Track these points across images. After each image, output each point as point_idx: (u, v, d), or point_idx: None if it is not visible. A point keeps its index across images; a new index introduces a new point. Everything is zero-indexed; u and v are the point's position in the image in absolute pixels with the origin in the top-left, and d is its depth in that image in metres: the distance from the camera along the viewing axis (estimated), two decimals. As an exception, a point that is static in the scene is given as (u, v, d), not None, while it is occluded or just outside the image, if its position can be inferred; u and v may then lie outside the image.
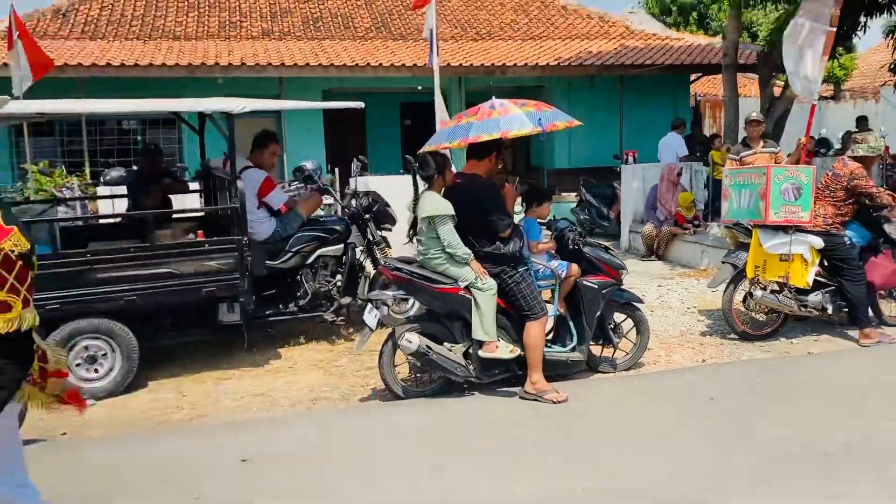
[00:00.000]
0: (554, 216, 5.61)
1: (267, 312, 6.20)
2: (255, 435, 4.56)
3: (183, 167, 11.88)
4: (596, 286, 5.26)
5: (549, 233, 5.50)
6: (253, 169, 6.21)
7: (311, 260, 6.38)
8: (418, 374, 5.18)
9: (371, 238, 6.83)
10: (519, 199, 5.48)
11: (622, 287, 5.51)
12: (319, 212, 7.53)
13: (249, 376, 5.75)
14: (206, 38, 14.81)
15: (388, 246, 6.97)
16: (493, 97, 5.06)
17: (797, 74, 6.99)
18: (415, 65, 13.48)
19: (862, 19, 11.32)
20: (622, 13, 24.48)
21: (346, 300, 6.50)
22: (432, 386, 5.14)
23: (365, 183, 8.14)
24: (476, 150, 4.98)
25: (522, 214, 5.39)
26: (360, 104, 6.38)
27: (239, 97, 6.43)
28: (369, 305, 5.17)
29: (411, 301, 6.32)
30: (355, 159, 7.41)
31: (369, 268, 6.88)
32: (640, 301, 5.69)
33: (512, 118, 4.78)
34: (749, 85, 18.95)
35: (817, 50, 7.07)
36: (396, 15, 17.10)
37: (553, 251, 5.36)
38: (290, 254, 6.26)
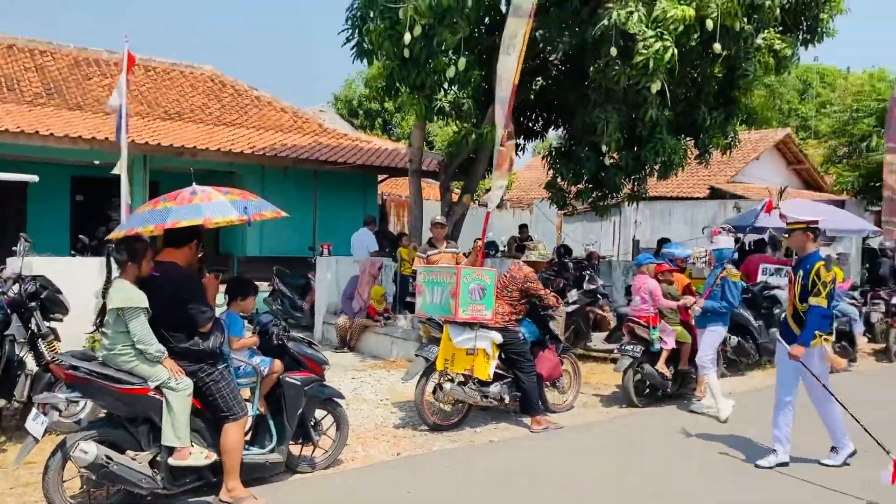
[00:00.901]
0: (257, 309, 5.41)
1: None
2: None
3: None
4: (299, 383, 5.13)
5: (252, 327, 5.28)
6: None
7: (-47, 356, 5.32)
8: (93, 489, 4.50)
9: (36, 329, 5.91)
10: (222, 291, 5.20)
11: (324, 383, 5.45)
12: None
13: None
14: None
15: (58, 339, 6.09)
16: (194, 183, 4.82)
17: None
18: (93, 137, 12.40)
19: (520, 141, 13.14)
20: (313, 110, 25.47)
21: (0, 403, 5.49)
22: (110, 501, 4.50)
23: (27, 265, 7.10)
24: (175, 238, 4.65)
25: (225, 307, 5.11)
26: (34, 177, 5.63)
27: None
28: (34, 410, 4.42)
29: (83, 403, 5.55)
30: (22, 237, 6.45)
31: (31, 364, 5.92)
32: (342, 397, 5.66)
33: (216, 205, 4.59)
34: (428, 188, 20.70)
35: (494, 164, 8.03)
36: (73, 83, 15.73)
37: (255, 346, 5.13)
38: (-76, 348, 5.15)
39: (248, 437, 5.01)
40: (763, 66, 10.17)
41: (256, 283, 5.61)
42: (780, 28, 10.22)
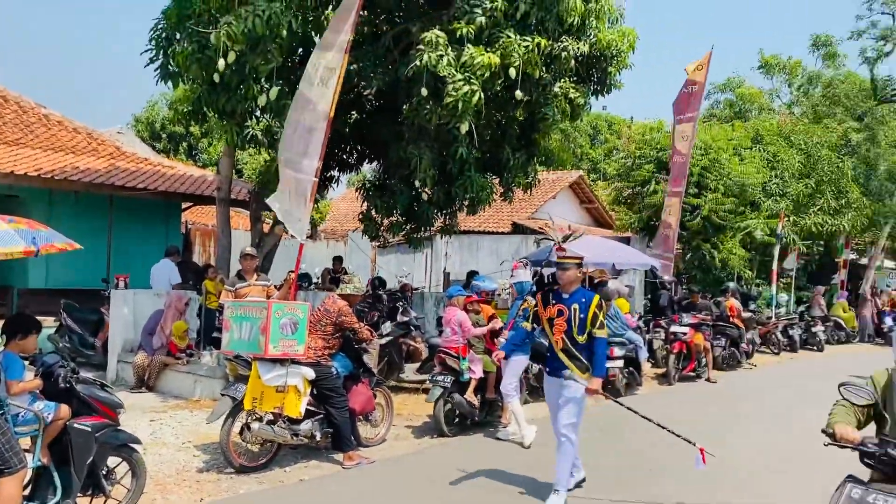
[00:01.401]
0: (40, 349, 4.90)
1: None
2: None
3: None
4: (89, 429, 4.70)
5: (35, 368, 4.77)
6: None
7: None
8: None
9: None
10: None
11: (118, 427, 5.03)
12: None
13: None
14: None
15: None
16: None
17: (290, 217, 7.66)
18: None
19: (336, 173, 13.14)
20: (111, 132, 23.78)
21: None
22: None
23: None
24: (-58, 270, 4.12)
25: (1, 347, 4.58)
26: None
27: None
28: None
29: None
30: None
31: None
32: (138, 442, 5.25)
33: (-2, 235, 4.14)
34: (237, 218, 20.00)
35: (305, 196, 7.92)
36: None
37: (38, 390, 4.64)
38: None
39: (27, 492, 4.51)
40: (560, 112, 10.97)
41: (40, 318, 5.10)
42: (575, 78, 11.09)
